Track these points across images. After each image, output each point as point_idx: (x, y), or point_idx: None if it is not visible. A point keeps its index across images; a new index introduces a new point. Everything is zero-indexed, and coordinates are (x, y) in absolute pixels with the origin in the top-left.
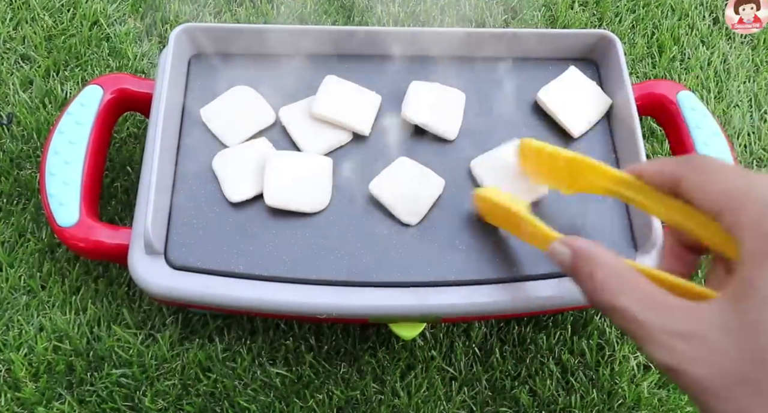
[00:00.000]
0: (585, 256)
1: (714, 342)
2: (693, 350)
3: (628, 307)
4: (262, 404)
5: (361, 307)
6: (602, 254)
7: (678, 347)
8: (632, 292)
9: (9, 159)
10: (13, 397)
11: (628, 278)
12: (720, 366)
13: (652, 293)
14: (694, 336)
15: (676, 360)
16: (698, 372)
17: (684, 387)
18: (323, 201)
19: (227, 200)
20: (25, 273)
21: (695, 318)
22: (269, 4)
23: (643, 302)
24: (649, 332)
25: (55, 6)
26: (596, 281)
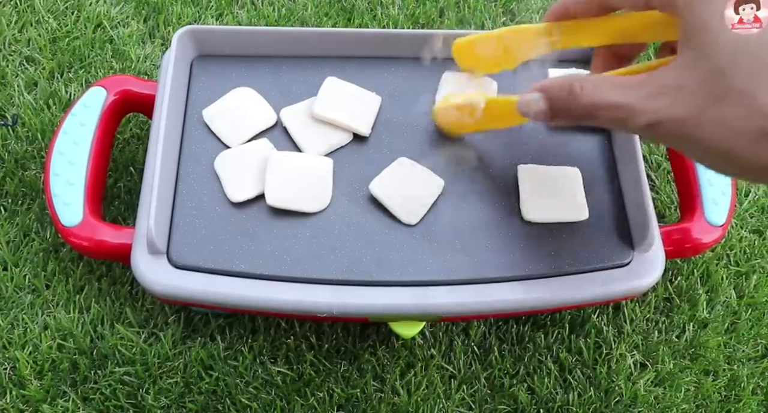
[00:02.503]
0: (554, 82)
1: (681, 84)
2: (667, 99)
3: (605, 98)
4: (263, 402)
5: (361, 306)
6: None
7: (654, 104)
8: (607, 87)
9: (14, 160)
10: (18, 395)
11: (598, 78)
12: (692, 97)
13: (618, 80)
14: (664, 90)
15: (658, 115)
16: (675, 113)
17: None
18: (324, 201)
19: (229, 200)
20: (30, 272)
21: (658, 78)
22: (270, 6)
23: (616, 89)
24: (630, 106)
25: (60, 9)
26: (576, 93)
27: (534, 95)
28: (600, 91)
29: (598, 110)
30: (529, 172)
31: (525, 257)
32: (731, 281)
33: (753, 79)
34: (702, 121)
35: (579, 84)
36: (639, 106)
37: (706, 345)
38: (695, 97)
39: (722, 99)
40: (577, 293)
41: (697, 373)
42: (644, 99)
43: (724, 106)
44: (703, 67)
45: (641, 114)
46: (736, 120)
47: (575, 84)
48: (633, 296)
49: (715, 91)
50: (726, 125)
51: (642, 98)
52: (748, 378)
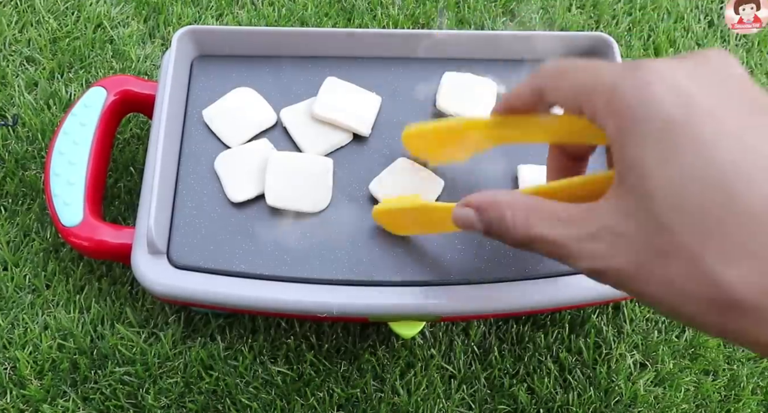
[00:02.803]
0: (488, 205)
1: (620, 231)
2: (606, 247)
3: (540, 233)
4: (263, 402)
5: (361, 306)
6: (502, 196)
7: (593, 249)
8: (540, 218)
9: (14, 160)
10: (18, 394)
11: (533, 205)
12: (632, 249)
13: (555, 211)
14: (602, 234)
15: (597, 262)
16: (617, 264)
17: (615, 285)
18: (324, 201)
19: (229, 200)
20: (30, 272)
21: (597, 216)
22: (270, 6)
23: (552, 223)
24: (567, 247)
25: (60, 9)
26: (509, 222)
27: (468, 212)
28: (534, 223)
29: (533, 243)
30: (529, 172)
31: (525, 257)
32: None
33: (699, 240)
34: (645, 276)
35: (511, 214)
36: (577, 248)
37: (705, 344)
38: (636, 249)
39: (666, 256)
40: (576, 293)
41: (696, 373)
42: (582, 241)
43: (669, 264)
44: (641, 214)
45: (580, 258)
46: (683, 283)
47: (507, 213)
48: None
49: (657, 246)
50: (672, 286)
51: (580, 240)
52: (748, 378)
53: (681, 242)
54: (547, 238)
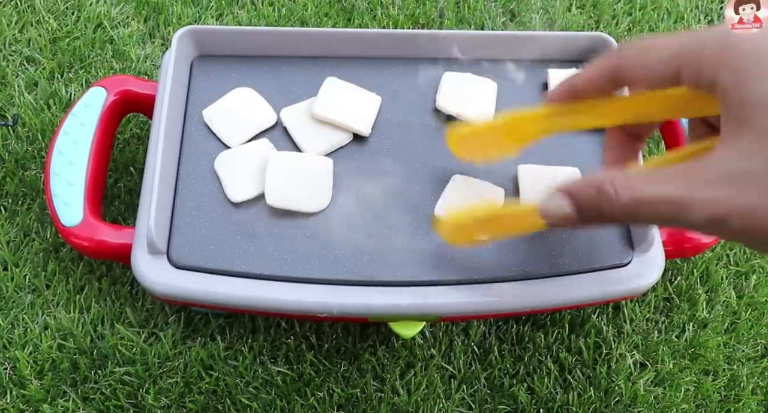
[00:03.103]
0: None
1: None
2: (728, 189)
3: (649, 193)
4: (263, 402)
5: (361, 306)
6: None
7: (713, 195)
8: (644, 180)
9: (14, 160)
10: (18, 394)
11: (632, 174)
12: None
13: (661, 172)
14: (721, 178)
15: (718, 207)
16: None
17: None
18: (324, 201)
19: (229, 200)
20: (30, 272)
21: (711, 164)
22: (270, 6)
23: (658, 182)
24: (680, 200)
25: (60, 9)
26: (609, 191)
27: (559, 201)
28: (639, 185)
29: (640, 208)
30: (529, 172)
31: (525, 257)
32: (731, 281)
33: None
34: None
35: (611, 182)
36: (695, 197)
37: (705, 344)
38: (763, 184)
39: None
40: (576, 293)
41: (696, 373)
42: (702, 189)
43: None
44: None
45: (699, 206)
46: None
47: (606, 183)
48: (633, 296)
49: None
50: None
51: (698, 188)
52: (748, 378)
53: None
54: (656, 197)
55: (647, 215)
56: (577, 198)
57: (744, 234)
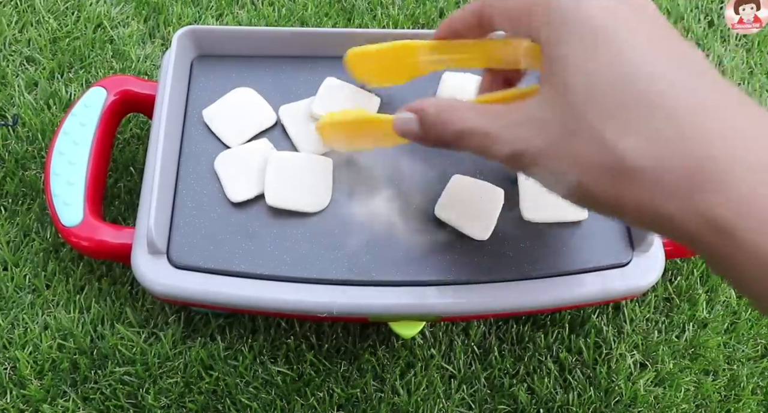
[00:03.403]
0: (427, 105)
1: (540, 118)
2: (527, 131)
3: (471, 126)
4: (263, 402)
5: (361, 306)
6: (439, 100)
7: (516, 134)
8: (474, 114)
9: (14, 160)
10: (18, 394)
11: (468, 107)
12: (548, 131)
13: (486, 109)
14: (524, 121)
15: (518, 145)
16: (534, 144)
17: (529, 165)
18: (324, 201)
19: (229, 200)
20: (30, 272)
21: (522, 109)
22: (270, 6)
23: (482, 117)
24: (492, 135)
25: (60, 9)
26: (445, 118)
27: (407, 115)
28: (468, 118)
29: (464, 137)
30: None
31: (524, 257)
32: None
33: (603, 116)
34: (559, 154)
35: (449, 109)
36: (503, 134)
37: (705, 344)
38: (551, 130)
39: (574, 134)
40: (576, 293)
41: (696, 373)
42: (507, 128)
43: (576, 141)
44: (559, 102)
45: (504, 143)
46: (587, 155)
47: (446, 109)
48: (633, 296)
49: (569, 126)
50: (576, 160)
51: (506, 127)
52: (748, 378)
53: (588, 122)
54: (475, 130)
55: (468, 143)
56: (422, 118)
57: (533, 170)
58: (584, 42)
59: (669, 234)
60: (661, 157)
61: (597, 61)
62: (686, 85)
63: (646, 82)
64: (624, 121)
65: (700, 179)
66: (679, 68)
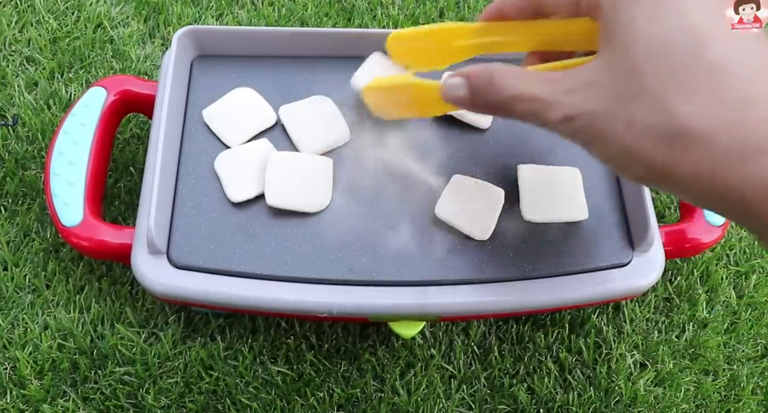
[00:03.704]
0: (479, 70)
1: (596, 81)
2: (582, 95)
3: (523, 91)
4: (263, 402)
5: (361, 306)
6: (493, 65)
7: (569, 99)
8: (526, 80)
9: (14, 160)
10: (18, 394)
11: (520, 71)
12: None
13: (540, 75)
14: (580, 85)
15: (570, 109)
16: (588, 107)
17: (582, 129)
18: (324, 201)
19: (229, 200)
20: (30, 272)
21: (577, 74)
22: (270, 6)
23: (536, 83)
24: (546, 100)
25: (60, 9)
26: (497, 83)
27: (457, 80)
28: (520, 83)
29: (515, 102)
30: (529, 172)
31: (525, 257)
32: (731, 281)
33: (665, 81)
34: (613, 117)
35: (501, 74)
36: (556, 99)
37: (705, 344)
38: (609, 94)
39: (634, 98)
40: (576, 293)
41: (696, 373)
42: (561, 94)
43: (635, 104)
44: (619, 65)
45: (557, 107)
46: (644, 119)
47: (497, 74)
48: (633, 296)
49: (628, 90)
50: (634, 123)
51: (559, 93)
52: (748, 378)
53: (649, 84)
54: (527, 95)
55: (520, 109)
56: (471, 82)
57: (586, 134)
58: (648, 5)
59: (721, 204)
60: (722, 123)
61: (660, 24)
62: (750, 53)
63: (711, 48)
64: (687, 85)
65: (763, 147)
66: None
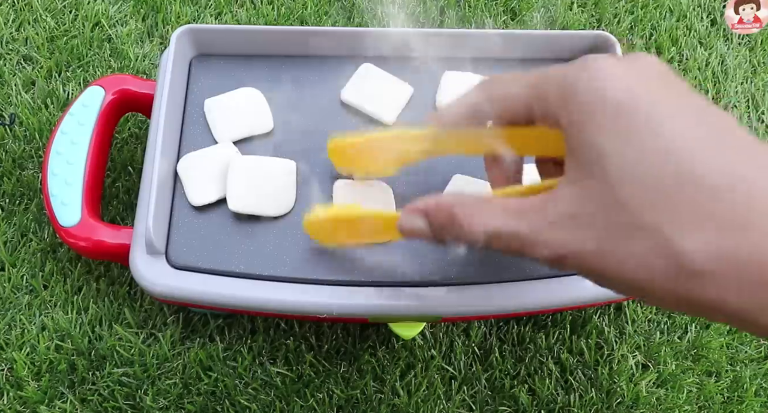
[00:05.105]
0: (434, 207)
1: (580, 215)
2: (567, 232)
3: (497, 227)
4: (262, 403)
5: (361, 306)
6: (446, 197)
7: (554, 237)
8: (494, 213)
9: (11, 159)
10: (15, 396)
11: (482, 202)
12: (593, 230)
13: (507, 205)
14: (562, 220)
15: (558, 249)
16: (578, 246)
17: (575, 268)
18: (288, 204)
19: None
20: (28, 273)
21: (554, 204)
22: (270, 5)
23: (507, 216)
24: (527, 238)
25: (58, 7)
26: (462, 221)
27: (416, 219)
28: (488, 218)
29: (492, 240)
30: (529, 172)
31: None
32: None
33: (657, 213)
34: (607, 255)
35: (462, 212)
36: (539, 238)
37: (708, 346)
38: (596, 229)
39: (626, 232)
40: (578, 293)
41: (699, 374)
42: (545, 230)
43: (630, 240)
44: (600, 197)
45: (543, 246)
46: (645, 256)
47: (457, 211)
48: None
49: (618, 225)
50: (634, 261)
51: (542, 229)
52: (751, 380)
53: (640, 216)
54: (504, 231)
55: (499, 246)
56: (431, 219)
57: (581, 270)
58: (616, 127)
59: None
60: (729, 254)
61: (635, 145)
62: (736, 167)
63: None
64: (681, 215)
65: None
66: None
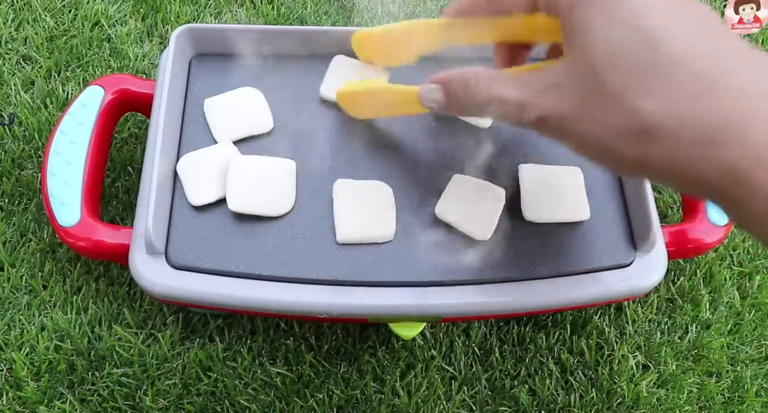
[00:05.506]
0: (453, 76)
1: (564, 83)
2: (552, 97)
3: (498, 93)
4: (262, 403)
5: (361, 306)
6: (466, 71)
7: (542, 101)
8: (500, 82)
9: (11, 159)
10: (14, 396)
11: (494, 74)
12: (571, 95)
13: (512, 76)
14: (550, 88)
15: (543, 110)
16: (559, 109)
17: (554, 129)
18: (288, 204)
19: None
20: (27, 273)
21: (547, 76)
22: (269, 4)
23: (509, 85)
24: (520, 101)
25: (57, 7)
26: (472, 87)
27: (432, 86)
28: (494, 86)
29: (489, 104)
30: (530, 171)
31: (526, 257)
32: (734, 281)
33: (624, 81)
34: (579, 117)
35: (474, 78)
36: (529, 101)
37: (709, 346)
38: (573, 95)
39: (596, 98)
40: (578, 293)
41: (700, 375)
42: (533, 95)
43: (598, 104)
44: (580, 67)
45: (531, 109)
46: (607, 118)
47: (471, 78)
48: (635, 296)
49: (590, 91)
50: (598, 122)
51: (532, 95)
52: (752, 380)
53: (610, 84)
54: (503, 97)
55: (494, 110)
56: (447, 88)
57: (560, 132)
58: (605, 8)
59: (692, 189)
60: (682, 117)
61: (615, 24)
62: (704, 46)
63: (665, 45)
64: (644, 83)
65: (721, 136)
66: (694, 29)
